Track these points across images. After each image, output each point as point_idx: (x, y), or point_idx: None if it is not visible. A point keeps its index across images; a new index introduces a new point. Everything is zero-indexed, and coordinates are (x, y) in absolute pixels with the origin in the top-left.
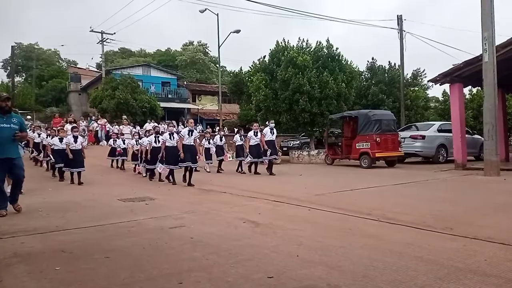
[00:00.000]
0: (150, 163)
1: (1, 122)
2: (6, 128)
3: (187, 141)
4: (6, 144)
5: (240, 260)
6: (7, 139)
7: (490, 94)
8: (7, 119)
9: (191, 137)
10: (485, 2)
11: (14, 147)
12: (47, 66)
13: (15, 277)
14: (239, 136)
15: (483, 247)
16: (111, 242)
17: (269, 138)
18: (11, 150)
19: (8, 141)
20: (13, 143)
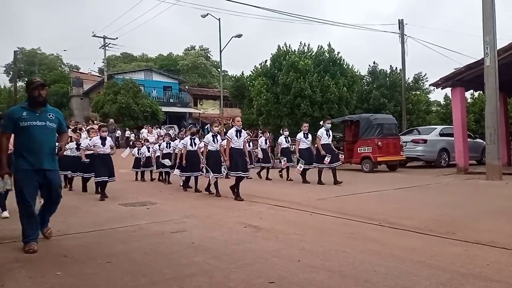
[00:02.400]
0: (185, 169)
1: (33, 118)
2: (40, 128)
3: (236, 144)
4: (40, 150)
5: (242, 265)
6: (41, 143)
7: (491, 98)
8: (41, 115)
9: (240, 138)
10: (486, 6)
11: (50, 154)
12: (49, 71)
13: (17, 281)
14: (284, 138)
15: (485, 251)
16: (112, 246)
17: (325, 141)
18: (47, 158)
19: (43, 146)
20: (51, 149)
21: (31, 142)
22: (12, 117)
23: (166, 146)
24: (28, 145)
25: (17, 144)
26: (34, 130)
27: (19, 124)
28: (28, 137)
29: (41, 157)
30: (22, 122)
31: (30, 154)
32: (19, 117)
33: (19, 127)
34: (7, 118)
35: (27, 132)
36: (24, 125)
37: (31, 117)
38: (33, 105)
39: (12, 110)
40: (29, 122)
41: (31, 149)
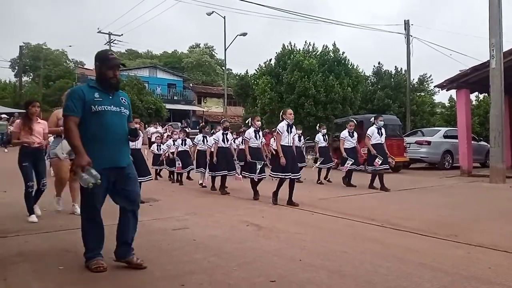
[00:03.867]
0: (216, 168)
1: (107, 102)
2: (115, 115)
3: (285, 140)
4: (115, 141)
5: (242, 263)
6: (117, 134)
7: (497, 100)
8: (114, 98)
9: (291, 134)
10: (493, 8)
11: (126, 148)
12: (54, 66)
13: (19, 276)
14: (322, 136)
15: (487, 254)
16: (114, 243)
17: (377, 140)
18: (122, 152)
19: (119, 138)
20: (126, 142)
21: (104, 132)
22: (81, 97)
23: (181, 143)
24: (100, 136)
25: (83, 133)
26: (109, 117)
27: (90, 108)
28: (101, 126)
29: (117, 152)
30: (95, 105)
31: (103, 148)
32: (91, 99)
33: (90, 112)
34: (74, 97)
35: (99, 119)
36: (97, 110)
37: (105, 100)
38: (106, 87)
39: (80, 88)
40: (103, 107)
41: (104, 141)
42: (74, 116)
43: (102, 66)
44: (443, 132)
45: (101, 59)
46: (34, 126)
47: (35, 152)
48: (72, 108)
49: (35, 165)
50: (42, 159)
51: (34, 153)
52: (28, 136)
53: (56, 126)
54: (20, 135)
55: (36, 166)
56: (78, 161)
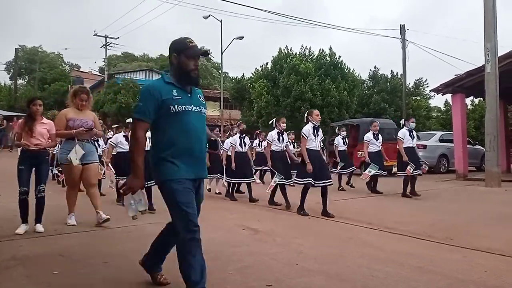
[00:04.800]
0: (234, 175)
1: (187, 101)
2: (196, 115)
3: (312, 144)
4: (198, 148)
5: (239, 267)
6: (199, 140)
7: (492, 105)
8: (193, 96)
9: (318, 137)
10: (488, 13)
11: (205, 157)
12: (50, 69)
13: (13, 280)
14: (341, 139)
15: (483, 258)
16: (109, 246)
17: (409, 144)
18: (204, 162)
19: (201, 144)
20: (205, 149)
21: (186, 137)
22: (156, 96)
23: None
24: (181, 142)
25: (159, 139)
26: (190, 118)
27: (169, 108)
28: (181, 130)
29: (200, 160)
30: (174, 105)
31: (186, 155)
32: (169, 98)
33: (169, 113)
34: (147, 96)
35: (180, 121)
36: (176, 111)
37: (184, 98)
38: (184, 82)
39: (154, 85)
40: (183, 106)
41: (186, 148)
42: (145, 121)
43: (181, 57)
44: (439, 136)
45: (179, 48)
46: (36, 126)
47: (35, 155)
48: (144, 110)
49: (35, 169)
50: (44, 162)
51: (34, 156)
52: (28, 138)
53: (65, 128)
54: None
55: (36, 171)
56: (132, 182)
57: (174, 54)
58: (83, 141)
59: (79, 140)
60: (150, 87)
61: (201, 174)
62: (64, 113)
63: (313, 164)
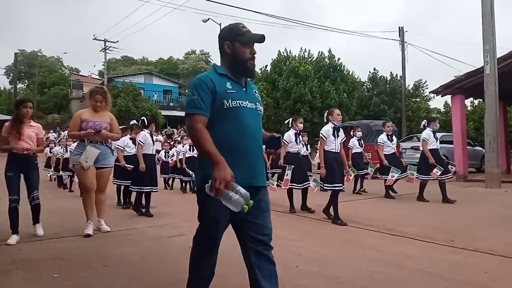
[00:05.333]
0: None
1: (242, 96)
2: (251, 113)
3: (331, 146)
4: (254, 150)
5: (239, 270)
6: (255, 140)
7: (491, 106)
8: (248, 91)
9: (338, 139)
10: (486, 15)
11: (263, 161)
12: (49, 73)
13: (13, 284)
14: (357, 141)
15: (483, 259)
16: (109, 250)
17: (433, 146)
18: (261, 166)
19: (258, 145)
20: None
21: (241, 136)
22: (210, 87)
23: (189, 149)
24: (235, 142)
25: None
26: (245, 116)
27: (222, 103)
28: (236, 128)
29: (256, 165)
30: (227, 100)
31: (239, 159)
32: (222, 91)
33: (222, 108)
34: (201, 87)
35: (234, 119)
36: (230, 106)
37: (239, 92)
38: (239, 73)
39: (208, 77)
40: (238, 102)
41: (240, 150)
42: (201, 115)
43: (235, 44)
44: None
45: (232, 34)
46: (24, 130)
47: (24, 160)
48: (199, 103)
49: (25, 175)
50: (33, 168)
51: (23, 162)
52: (16, 141)
53: (79, 130)
54: (8, 140)
55: (26, 177)
56: (220, 175)
57: (227, 42)
58: (96, 143)
59: (91, 142)
60: (203, 77)
61: (256, 181)
62: (79, 113)
63: (332, 166)
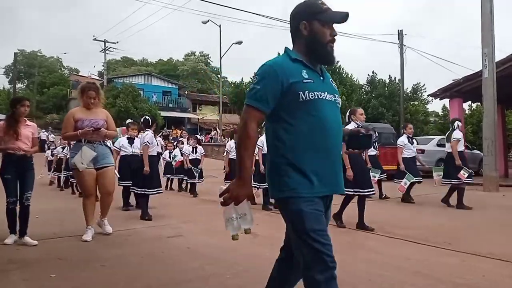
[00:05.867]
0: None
1: (320, 86)
2: (330, 106)
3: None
4: (335, 152)
5: (238, 271)
6: (337, 140)
7: (489, 109)
8: (325, 80)
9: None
10: (485, 18)
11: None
12: (49, 73)
13: (11, 284)
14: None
15: (481, 262)
16: (108, 250)
17: (461, 148)
18: (341, 171)
19: (339, 146)
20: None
21: (321, 136)
22: (282, 77)
23: (192, 151)
24: (314, 142)
25: (281, 138)
26: (326, 111)
27: (297, 95)
28: (315, 126)
29: (337, 169)
30: (304, 91)
31: (320, 162)
32: (298, 81)
33: (297, 101)
34: (270, 77)
35: (312, 114)
36: (308, 99)
37: (316, 82)
38: (317, 59)
39: (280, 63)
40: (316, 93)
41: (322, 151)
42: (261, 110)
43: (313, 24)
44: (437, 140)
45: (311, 12)
46: (21, 129)
47: (21, 160)
48: (260, 96)
49: (20, 176)
50: (30, 169)
51: (20, 162)
52: (13, 141)
53: (74, 130)
54: (3, 140)
55: (22, 177)
56: (237, 190)
57: (304, 21)
58: (94, 143)
59: (89, 142)
60: (274, 64)
61: (337, 188)
62: (72, 113)
63: (356, 170)
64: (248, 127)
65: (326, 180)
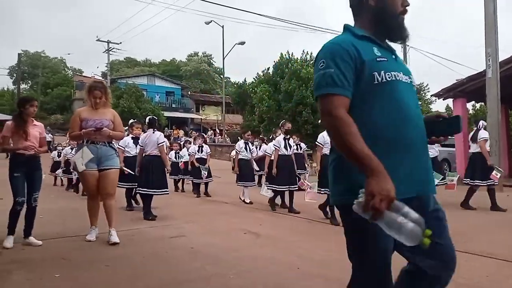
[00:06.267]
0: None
1: (393, 65)
2: (407, 88)
3: None
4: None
5: (240, 272)
6: (420, 130)
7: (493, 109)
8: (397, 58)
9: None
10: (488, 18)
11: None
12: (53, 74)
13: (15, 284)
14: None
15: (484, 263)
16: (111, 250)
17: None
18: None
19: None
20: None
21: (404, 124)
22: (353, 55)
23: (198, 150)
24: (397, 133)
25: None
26: (405, 94)
27: (372, 76)
28: (395, 112)
29: (424, 165)
30: (380, 71)
31: (404, 157)
32: (371, 59)
33: (371, 84)
34: (340, 57)
35: (392, 98)
36: (384, 80)
37: (390, 61)
38: (388, 34)
39: (346, 40)
40: (392, 74)
41: (405, 143)
42: (343, 95)
43: None
44: None
45: None
46: (30, 129)
47: (30, 161)
48: (339, 79)
49: (28, 176)
50: (38, 169)
51: (29, 162)
52: (23, 141)
53: (79, 129)
54: (10, 140)
55: (30, 177)
56: (380, 188)
57: None
58: (98, 143)
59: (92, 142)
60: (342, 42)
61: (430, 187)
62: (78, 112)
63: None
64: (336, 115)
65: (411, 180)
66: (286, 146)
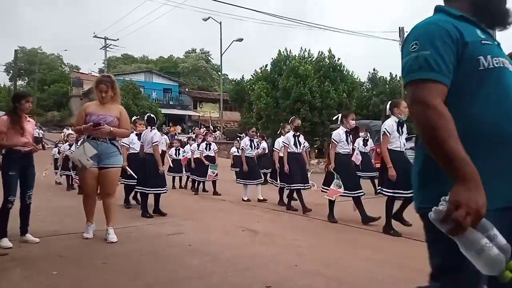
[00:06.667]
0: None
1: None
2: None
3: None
4: None
5: (238, 269)
6: None
7: None
8: (500, 47)
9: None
10: None
11: None
12: (49, 71)
13: (12, 281)
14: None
15: None
16: (108, 247)
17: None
18: None
19: None
20: None
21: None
22: (454, 38)
23: (205, 148)
24: (503, 129)
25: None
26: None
27: (476, 61)
28: (503, 105)
29: None
30: (486, 55)
31: (507, 159)
32: (475, 40)
33: (475, 70)
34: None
35: (500, 87)
36: (491, 66)
37: (493, 46)
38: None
39: (442, 19)
40: (499, 59)
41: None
42: (440, 82)
43: None
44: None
45: None
46: (25, 125)
47: (25, 157)
48: (436, 63)
49: (22, 173)
50: (31, 166)
51: (24, 159)
52: (19, 137)
53: (85, 124)
54: (5, 136)
55: (24, 175)
56: (470, 198)
57: None
58: (98, 139)
59: (93, 138)
60: (439, 21)
61: None
62: (85, 107)
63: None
64: (431, 105)
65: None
66: (296, 144)
